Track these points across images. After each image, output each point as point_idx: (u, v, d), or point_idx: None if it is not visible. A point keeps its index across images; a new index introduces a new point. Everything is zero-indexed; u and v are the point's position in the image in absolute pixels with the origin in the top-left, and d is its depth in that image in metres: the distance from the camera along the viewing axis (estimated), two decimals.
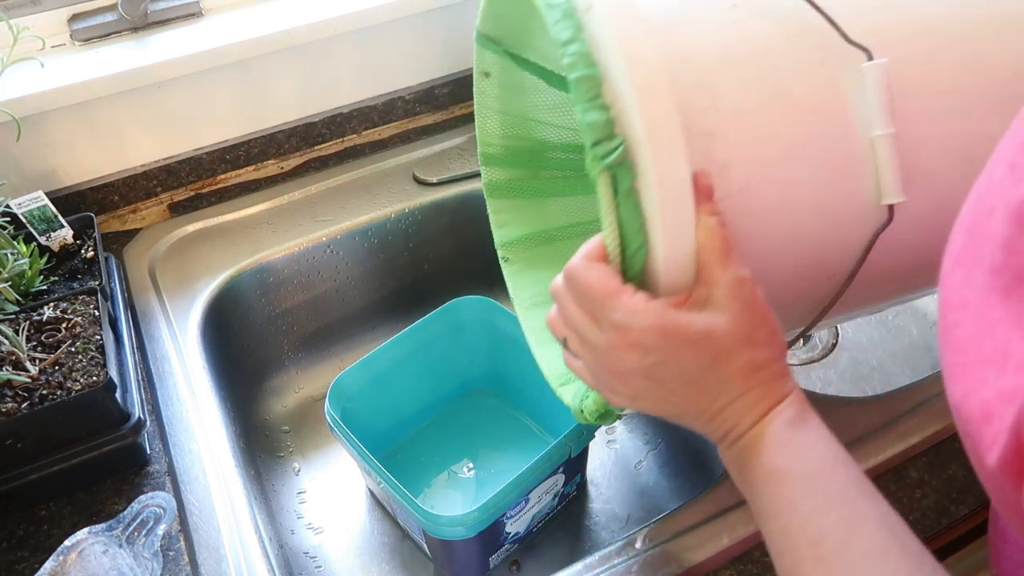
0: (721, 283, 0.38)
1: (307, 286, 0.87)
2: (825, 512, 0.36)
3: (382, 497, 0.74)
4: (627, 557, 0.55)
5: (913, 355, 0.88)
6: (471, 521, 0.58)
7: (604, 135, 0.38)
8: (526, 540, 0.71)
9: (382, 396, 0.75)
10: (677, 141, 0.37)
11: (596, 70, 0.39)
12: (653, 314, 0.38)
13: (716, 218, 0.38)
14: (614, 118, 0.38)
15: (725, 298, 0.38)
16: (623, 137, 0.38)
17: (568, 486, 0.72)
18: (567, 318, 0.42)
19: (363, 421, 0.70)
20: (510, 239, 0.65)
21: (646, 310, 0.38)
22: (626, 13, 0.39)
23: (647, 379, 0.39)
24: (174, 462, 0.62)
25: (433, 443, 0.81)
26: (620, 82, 0.38)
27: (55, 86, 0.76)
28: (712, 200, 0.38)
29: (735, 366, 0.38)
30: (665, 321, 0.38)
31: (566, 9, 0.41)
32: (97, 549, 0.52)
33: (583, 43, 0.39)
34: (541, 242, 0.66)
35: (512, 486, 0.60)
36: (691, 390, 0.39)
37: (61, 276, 0.71)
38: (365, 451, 0.62)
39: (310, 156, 0.94)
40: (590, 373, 0.43)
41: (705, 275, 0.38)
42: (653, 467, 0.79)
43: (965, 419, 0.29)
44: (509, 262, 0.65)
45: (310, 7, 0.87)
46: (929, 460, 0.60)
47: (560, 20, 0.40)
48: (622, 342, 0.39)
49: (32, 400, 0.56)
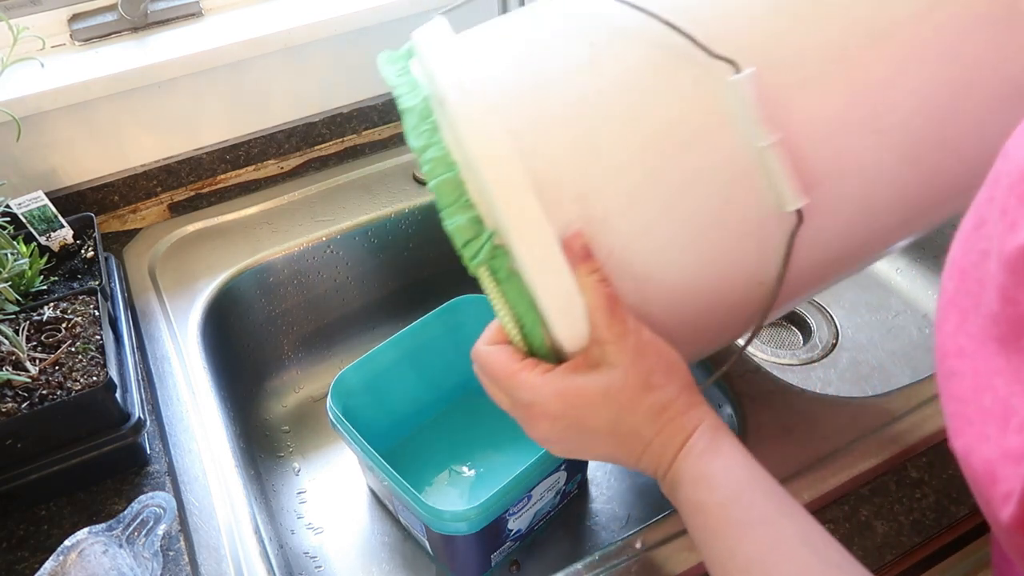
0: (609, 339, 0.40)
1: (307, 286, 0.87)
2: (748, 539, 0.38)
3: (384, 495, 0.74)
4: (627, 557, 0.55)
5: (913, 355, 0.88)
6: (474, 517, 0.58)
7: (472, 234, 0.40)
8: (528, 538, 0.72)
9: (383, 394, 0.75)
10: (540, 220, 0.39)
11: (455, 172, 0.40)
12: (551, 386, 0.41)
13: (594, 276, 0.40)
14: (480, 214, 0.40)
15: (615, 352, 0.40)
16: (493, 226, 0.40)
17: (570, 484, 0.72)
18: (490, 394, 0.45)
19: (364, 419, 0.70)
20: None
21: (543, 383, 0.41)
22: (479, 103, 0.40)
23: (565, 441, 0.42)
24: (174, 462, 0.62)
25: (434, 441, 0.81)
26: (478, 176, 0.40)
27: (55, 86, 0.76)
28: (589, 259, 0.40)
29: (640, 414, 0.41)
30: (563, 389, 0.40)
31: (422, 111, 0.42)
32: (97, 549, 0.52)
33: (439, 147, 0.41)
34: None
35: (515, 483, 0.60)
36: (608, 442, 0.42)
37: (61, 276, 0.71)
38: (368, 447, 0.62)
39: (310, 156, 0.94)
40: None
41: (595, 333, 0.40)
42: None
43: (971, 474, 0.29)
44: None
45: (310, 7, 0.87)
46: (929, 460, 0.60)
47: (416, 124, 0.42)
48: (531, 415, 0.42)
49: (32, 400, 0.56)
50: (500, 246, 0.40)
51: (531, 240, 0.39)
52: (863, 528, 0.56)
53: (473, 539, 0.62)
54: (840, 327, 0.92)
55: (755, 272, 0.43)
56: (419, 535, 0.70)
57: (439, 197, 0.41)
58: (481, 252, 0.40)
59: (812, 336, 0.91)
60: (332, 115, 0.94)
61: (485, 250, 0.40)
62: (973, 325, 0.28)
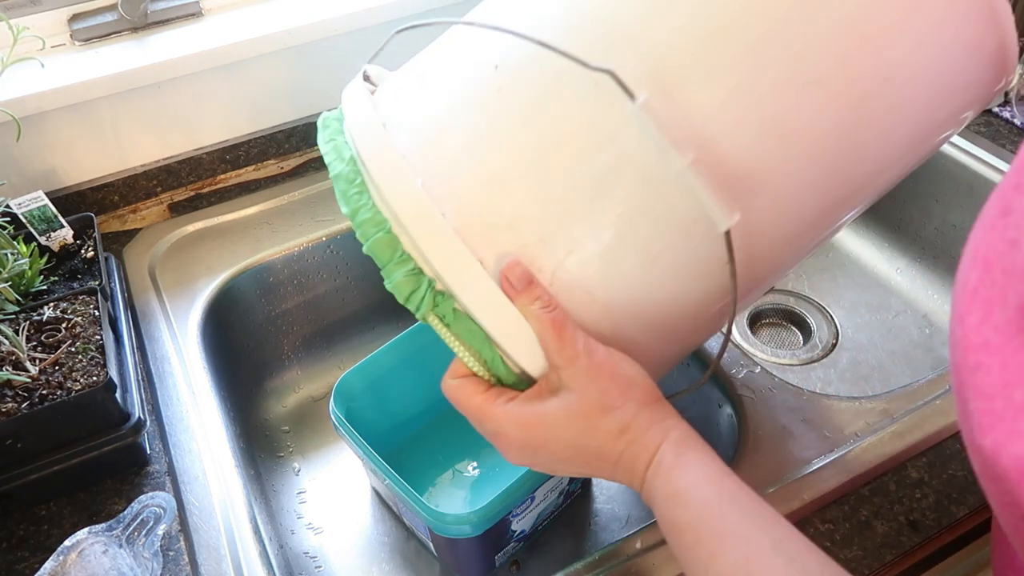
0: (560, 363, 0.40)
1: (307, 286, 0.87)
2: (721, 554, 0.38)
3: (387, 496, 0.74)
4: (627, 557, 0.55)
5: (913, 355, 0.88)
6: (477, 519, 0.58)
7: (412, 287, 0.41)
8: (531, 539, 0.71)
9: (386, 395, 0.75)
10: (470, 263, 0.40)
11: (387, 230, 0.41)
12: (510, 416, 0.41)
13: (536, 305, 0.40)
14: (419, 265, 0.41)
15: (568, 377, 0.40)
16: (432, 274, 0.41)
17: (573, 483, 0.72)
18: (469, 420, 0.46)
19: (367, 420, 0.70)
20: None
21: (504, 414, 0.42)
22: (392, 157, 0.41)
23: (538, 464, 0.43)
24: (174, 462, 0.62)
25: (437, 442, 0.80)
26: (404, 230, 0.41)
27: (55, 86, 0.76)
28: (530, 286, 0.40)
29: (600, 435, 0.41)
30: (521, 417, 0.41)
31: (348, 175, 0.43)
32: (97, 549, 0.52)
33: (367, 208, 0.42)
34: None
35: (518, 484, 0.60)
36: (577, 462, 0.42)
37: (61, 276, 0.71)
38: (371, 450, 0.62)
39: (310, 156, 0.94)
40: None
41: (548, 358, 0.41)
42: None
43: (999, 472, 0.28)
44: None
45: (310, 7, 0.87)
46: (929, 460, 0.60)
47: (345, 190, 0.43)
48: (499, 443, 0.43)
49: (32, 400, 0.56)
50: (441, 292, 0.41)
51: (467, 283, 0.40)
52: (863, 528, 0.56)
53: (477, 541, 0.62)
54: (840, 327, 0.92)
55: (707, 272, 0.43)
56: (423, 536, 0.70)
57: (377, 257, 0.42)
58: (423, 302, 0.41)
59: (812, 336, 0.91)
60: None
61: (427, 300, 0.41)
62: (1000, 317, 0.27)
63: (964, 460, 0.60)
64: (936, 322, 0.91)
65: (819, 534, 0.56)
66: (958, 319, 0.30)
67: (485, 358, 0.42)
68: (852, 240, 1.01)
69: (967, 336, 0.29)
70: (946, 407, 0.63)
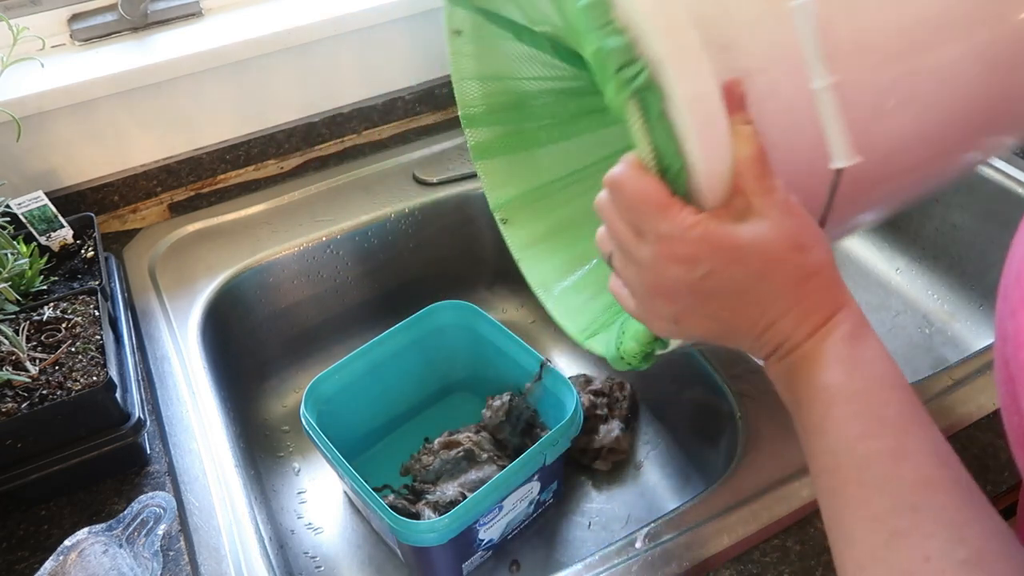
0: (757, 191, 0.37)
1: (307, 286, 0.87)
2: (875, 436, 0.35)
3: (356, 502, 0.74)
4: (627, 557, 0.55)
5: (913, 355, 0.88)
6: (442, 528, 0.58)
7: (626, 59, 0.36)
8: (501, 547, 0.71)
9: (360, 399, 0.75)
10: (700, 56, 0.36)
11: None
12: (701, 226, 0.36)
13: (750, 127, 0.37)
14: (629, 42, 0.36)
15: (765, 206, 0.36)
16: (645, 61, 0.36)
17: (544, 493, 0.71)
18: (612, 232, 0.40)
19: (341, 424, 0.70)
20: (505, 199, 0.65)
21: (695, 223, 0.36)
22: None
23: (694, 294, 0.38)
24: (174, 462, 0.62)
25: (412, 447, 0.79)
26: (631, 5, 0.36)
27: (55, 86, 0.76)
28: (744, 108, 0.37)
29: (785, 274, 0.37)
30: (712, 232, 0.36)
31: None
32: (97, 549, 0.52)
33: None
34: (536, 198, 0.65)
35: (484, 494, 0.60)
36: (741, 303, 0.38)
37: (61, 276, 0.71)
38: (338, 455, 0.62)
39: (310, 156, 0.94)
40: (633, 296, 0.41)
41: (743, 183, 0.37)
42: (653, 467, 0.79)
43: None
44: (508, 223, 0.64)
45: (310, 7, 0.87)
46: None
47: None
48: (669, 255, 0.37)
49: (32, 400, 0.56)
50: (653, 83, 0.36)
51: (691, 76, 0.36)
52: None
53: (443, 549, 0.62)
54: None
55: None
56: (391, 543, 0.70)
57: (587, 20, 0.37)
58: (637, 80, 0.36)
59: None
60: (332, 115, 0.94)
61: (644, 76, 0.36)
62: None
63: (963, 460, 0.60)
64: (936, 322, 0.91)
65: (819, 534, 0.56)
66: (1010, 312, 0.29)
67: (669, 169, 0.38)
68: (852, 240, 1.01)
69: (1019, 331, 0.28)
70: (946, 406, 0.63)
